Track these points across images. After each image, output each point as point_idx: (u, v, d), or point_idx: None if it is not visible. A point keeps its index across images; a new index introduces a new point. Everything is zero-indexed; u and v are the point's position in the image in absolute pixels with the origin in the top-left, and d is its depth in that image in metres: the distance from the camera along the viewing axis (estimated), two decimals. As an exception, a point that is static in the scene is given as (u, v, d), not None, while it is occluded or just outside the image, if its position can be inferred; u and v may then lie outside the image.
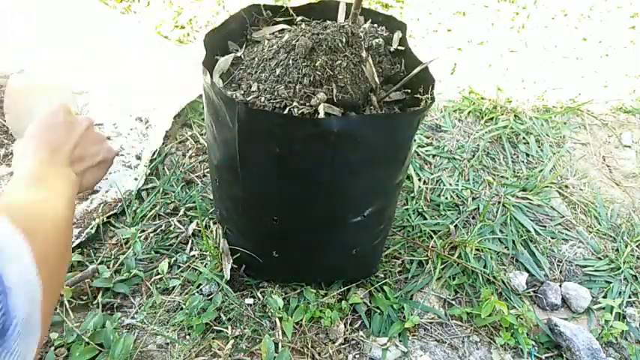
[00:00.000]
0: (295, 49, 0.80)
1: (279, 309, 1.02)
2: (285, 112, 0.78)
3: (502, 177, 1.46)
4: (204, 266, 1.10)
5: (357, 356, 0.99)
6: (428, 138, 1.57)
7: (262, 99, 0.80)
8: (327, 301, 1.05)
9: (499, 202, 1.36)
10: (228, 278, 1.04)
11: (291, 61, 0.80)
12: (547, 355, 1.06)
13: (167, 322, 1.00)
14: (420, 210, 1.30)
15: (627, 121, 1.80)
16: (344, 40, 0.81)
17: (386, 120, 0.78)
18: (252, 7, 0.99)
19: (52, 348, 0.90)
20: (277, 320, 1.02)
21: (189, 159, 1.38)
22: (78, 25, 1.70)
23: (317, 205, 0.86)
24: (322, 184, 0.81)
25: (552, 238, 1.30)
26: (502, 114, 1.67)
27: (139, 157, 1.32)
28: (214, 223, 1.16)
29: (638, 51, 2.16)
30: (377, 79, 0.86)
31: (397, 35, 0.94)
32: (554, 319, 1.09)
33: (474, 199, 1.36)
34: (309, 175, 0.81)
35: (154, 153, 1.33)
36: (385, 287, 1.10)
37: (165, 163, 1.36)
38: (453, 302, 1.12)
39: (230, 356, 0.95)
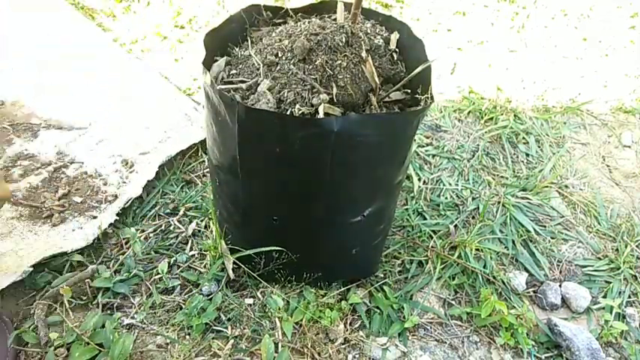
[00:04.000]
0: (294, 51, 0.80)
1: (279, 309, 1.02)
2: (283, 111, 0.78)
3: (502, 177, 1.46)
4: (204, 266, 1.10)
5: (357, 356, 0.99)
6: (428, 138, 1.56)
7: (262, 99, 0.80)
8: (327, 301, 1.05)
9: (499, 202, 1.36)
10: (232, 277, 1.04)
11: (291, 62, 0.80)
12: (547, 355, 1.06)
13: (167, 322, 1.00)
14: (419, 210, 1.30)
15: (627, 121, 1.80)
16: (344, 39, 0.81)
17: (386, 120, 0.78)
18: (252, 7, 0.99)
19: (52, 348, 0.90)
20: (277, 320, 1.02)
21: (189, 159, 1.38)
22: (93, 64, 1.64)
23: (317, 204, 0.85)
24: (322, 184, 0.81)
25: (552, 238, 1.30)
26: (502, 114, 1.67)
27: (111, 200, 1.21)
28: (214, 223, 1.16)
29: (638, 51, 2.16)
30: (377, 79, 0.86)
31: (394, 36, 0.94)
32: (554, 319, 1.09)
33: (473, 199, 1.36)
34: (309, 175, 0.81)
35: (127, 201, 1.20)
36: (385, 287, 1.10)
37: (164, 163, 1.36)
38: (453, 302, 1.12)
39: (230, 356, 0.95)
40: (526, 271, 1.21)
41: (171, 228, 1.19)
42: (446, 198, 1.36)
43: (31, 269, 1.01)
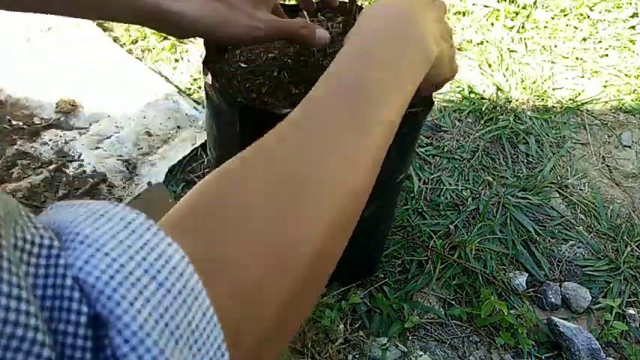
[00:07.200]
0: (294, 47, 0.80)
1: (280, 309, 1.02)
2: (288, 111, 0.78)
3: (502, 177, 1.46)
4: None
5: (357, 356, 0.99)
6: (428, 138, 1.57)
7: (265, 99, 0.80)
8: (326, 301, 1.05)
9: (499, 202, 1.36)
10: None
11: (292, 60, 0.80)
12: (547, 355, 1.06)
13: (167, 322, 1.00)
14: (420, 210, 1.30)
15: (627, 121, 1.80)
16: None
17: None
18: (252, 7, 0.98)
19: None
20: (277, 320, 1.02)
21: (190, 159, 1.38)
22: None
23: (317, 205, 0.85)
24: (322, 185, 0.81)
25: (552, 238, 1.30)
26: (502, 114, 1.67)
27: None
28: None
29: (638, 51, 2.16)
30: None
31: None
32: (554, 319, 1.09)
33: (473, 199, 1.36)
34: (310, 175, 0.81)
35: (129, 203, 1.17)
36: (385, 287, 1.10)
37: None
38: (453, 302, 1.12)
39: (230, 356, 0.95)
40: (526, 271, 1.21)
41: (171, 228, 1.19)
42: (446, 198, 1.36)
43: None
